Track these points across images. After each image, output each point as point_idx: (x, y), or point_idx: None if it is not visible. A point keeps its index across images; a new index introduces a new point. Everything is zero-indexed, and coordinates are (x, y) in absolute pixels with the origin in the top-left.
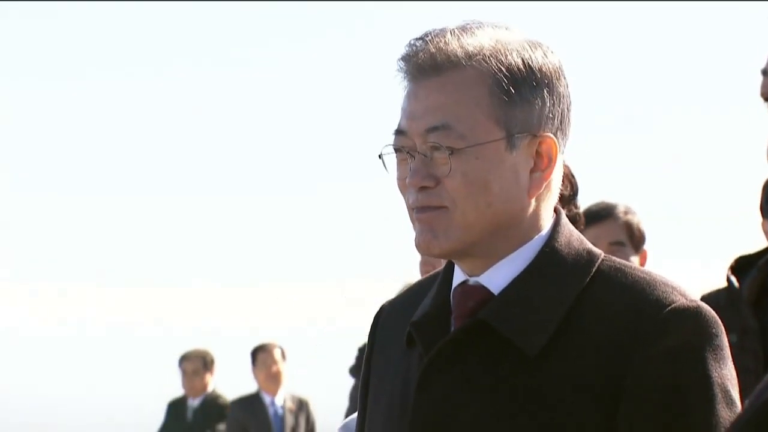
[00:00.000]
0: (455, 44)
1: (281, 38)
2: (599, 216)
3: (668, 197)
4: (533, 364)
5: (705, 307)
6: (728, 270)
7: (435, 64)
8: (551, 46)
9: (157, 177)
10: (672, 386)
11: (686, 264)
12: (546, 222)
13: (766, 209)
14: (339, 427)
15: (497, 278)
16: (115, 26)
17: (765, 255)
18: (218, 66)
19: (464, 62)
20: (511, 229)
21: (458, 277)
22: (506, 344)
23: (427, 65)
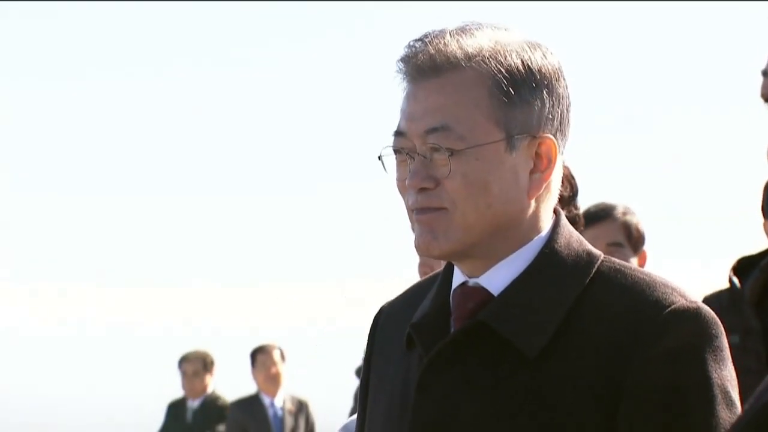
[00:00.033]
0: (454, 45)
1: (281, 38)
2: (597, 217)
3: (668, 197)
4: (533, 365)
5: (705, 309)
6: (730, 271)
7: (434, 66)
8: (550, 47)
9: (157, 177)
10: (672, 386)
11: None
12: (545, 223)
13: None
14: (339, 428)
15: (497, 279)
16: (115, 26)
17: (767, 256)
18: (218, 66)
19: (464, 63)
20: (511, 231)
21: (458, 279)
22: (506, 345)
23: (427, 66)
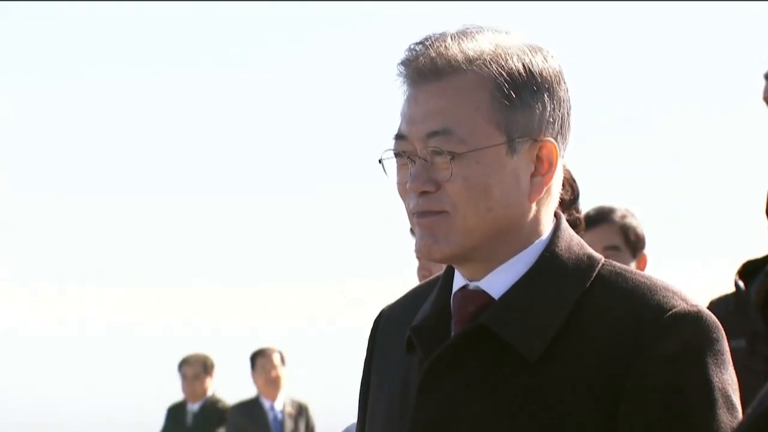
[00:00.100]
0: (455, 49)
1: (281, 38)
2: (595, 220)
3: (668, 197)
4: (533, 368)
5: (706, 312)
6: (736, 275)
7: (435, 69)
8: (551, 51)
9: (157, 177)
10: (672, 387)
11: (686, 264)
12: (546, 226)
13: None
14: (341, 431)
15: (497, 283)
16: (115, 26)
17: None
18: (218, 66)
19: (465, 67)
20: (512, 234)
21: (458, 282)
22: (506, 349)
23: (428, 70)
